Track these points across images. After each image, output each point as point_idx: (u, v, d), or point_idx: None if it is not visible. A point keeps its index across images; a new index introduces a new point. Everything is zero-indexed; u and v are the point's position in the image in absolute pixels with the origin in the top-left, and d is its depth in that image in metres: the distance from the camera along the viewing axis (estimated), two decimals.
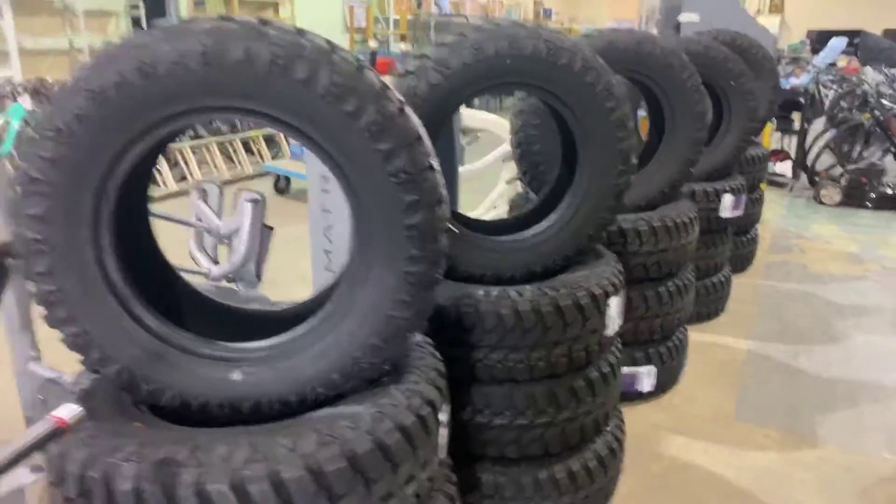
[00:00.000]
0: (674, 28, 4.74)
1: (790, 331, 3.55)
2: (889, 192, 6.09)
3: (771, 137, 6.46)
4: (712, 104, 3.57)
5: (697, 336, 3.40)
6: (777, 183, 6.87)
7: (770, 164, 6.91)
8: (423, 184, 1.24)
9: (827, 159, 6.62)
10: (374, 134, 1.18)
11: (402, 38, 12.81)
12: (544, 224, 2.03)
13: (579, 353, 1.90)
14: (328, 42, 1.20)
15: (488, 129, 3.73)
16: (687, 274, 2.80)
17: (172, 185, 6.51)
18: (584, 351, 1.90)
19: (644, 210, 2.71)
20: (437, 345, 1.84)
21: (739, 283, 4.13)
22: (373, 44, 10.06)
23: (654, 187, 2.74)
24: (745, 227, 4.26)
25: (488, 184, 4.43)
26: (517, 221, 2.20)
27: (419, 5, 13.61)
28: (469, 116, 3.71)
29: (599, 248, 2.20)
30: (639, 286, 2.61)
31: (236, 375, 1.31)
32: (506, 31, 1.80)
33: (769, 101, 4.14)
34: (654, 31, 5.28)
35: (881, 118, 6.41)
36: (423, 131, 1.29)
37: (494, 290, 1.86)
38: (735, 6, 4.85)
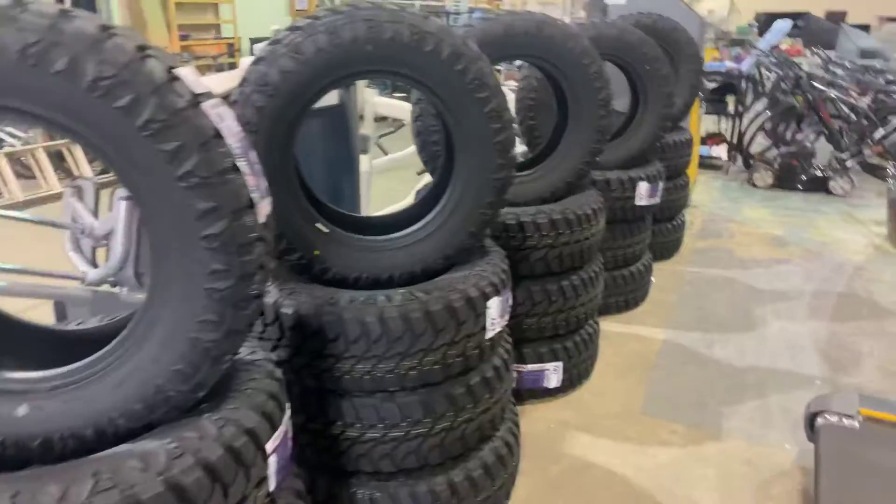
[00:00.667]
0: (601, 11, 4.65)
1: (708, 319, 3.52)
2: (819, 174, 6.16)
3: (704, 121, 6.47)
4: (631, 90, 3.50)
5: (613, 327, 3.35)
6: (712, 166, 6.91)
7: (706, 148, 6.95)
8: (222, 188, 1.09)
9: (762, 142, 6.67)
10: (157, 132, 1.03)
11: None
12: (422, 222, 1.91)
13: (456, 360, 1.79)
14: (102, 26, 1.03)
15: (399, 116, 3.57)
16: (593, 266, 2.72)
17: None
18: (461, 356, 1.79)
19: (549, 202, 2.61)
20: (301, 356, 1.72)
21: (664, 270, 4.10)
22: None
23: (559, 178, 2.64)
24: (669, 213, 4.22)
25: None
26: (407, 218, 2.06)
27: None
28: (381, 104, 3.55)
29: (487, 245, 2.09)
30: (540, 281, 2.51)
31: (21, 410, 1.15)
32: (364, 14, 1.65)
33: (691, 85, 4.08)
34: (582, 14, 5.18)
35: (813, 100, 6.48)
36: (229, 127, 1.15)
37: (361, 296, 1.73)
38: None
